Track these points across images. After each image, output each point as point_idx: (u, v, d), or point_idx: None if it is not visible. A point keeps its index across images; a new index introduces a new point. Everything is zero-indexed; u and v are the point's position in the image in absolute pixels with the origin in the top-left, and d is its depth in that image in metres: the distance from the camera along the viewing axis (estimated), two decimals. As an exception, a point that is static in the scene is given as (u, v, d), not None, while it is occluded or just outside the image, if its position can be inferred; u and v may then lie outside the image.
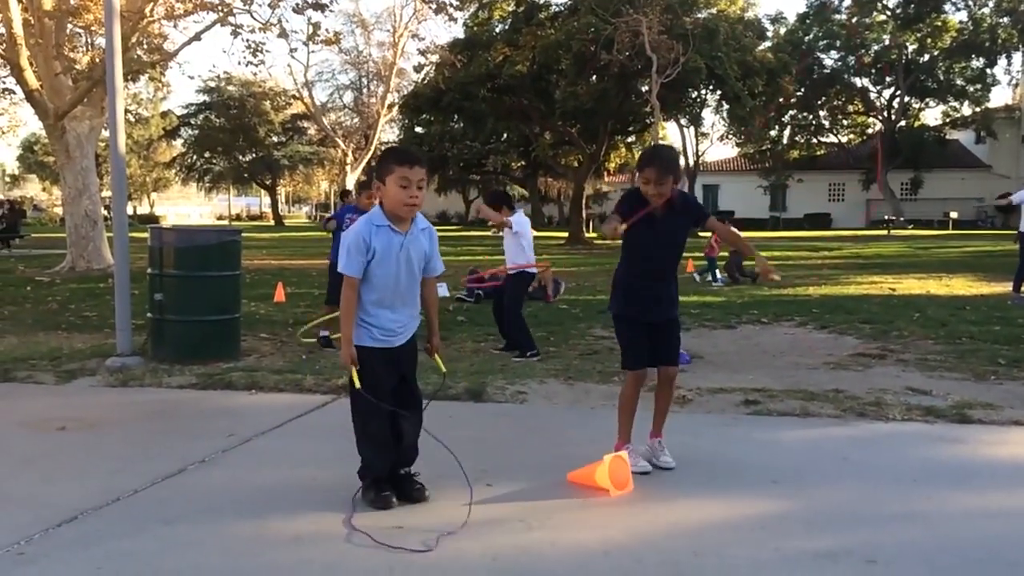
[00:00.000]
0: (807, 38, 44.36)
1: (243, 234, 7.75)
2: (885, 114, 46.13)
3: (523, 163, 38.19)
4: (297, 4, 18.44)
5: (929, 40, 43.31)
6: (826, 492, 3.92)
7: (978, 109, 44.33)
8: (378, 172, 3.64)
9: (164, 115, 59.74)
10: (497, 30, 31.27)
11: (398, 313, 3.68)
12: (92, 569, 3.04)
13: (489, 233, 38.64)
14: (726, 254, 15.11)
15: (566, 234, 31.46)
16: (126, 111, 7.25)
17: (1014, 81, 47.06)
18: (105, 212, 19.81)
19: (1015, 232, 11.71)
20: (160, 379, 6.32)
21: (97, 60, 17.38)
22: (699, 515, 3.63)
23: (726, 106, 32.08)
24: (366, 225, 3.60)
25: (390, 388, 3.69)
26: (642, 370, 4.21)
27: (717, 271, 14.93)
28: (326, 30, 20.90)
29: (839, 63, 45.31)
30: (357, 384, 3.55)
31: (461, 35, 32.09)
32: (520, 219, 7.70)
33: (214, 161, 59.06)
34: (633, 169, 39.18)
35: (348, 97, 46.48)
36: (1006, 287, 12.45)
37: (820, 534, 3.42)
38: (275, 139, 58.25)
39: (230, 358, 7.04)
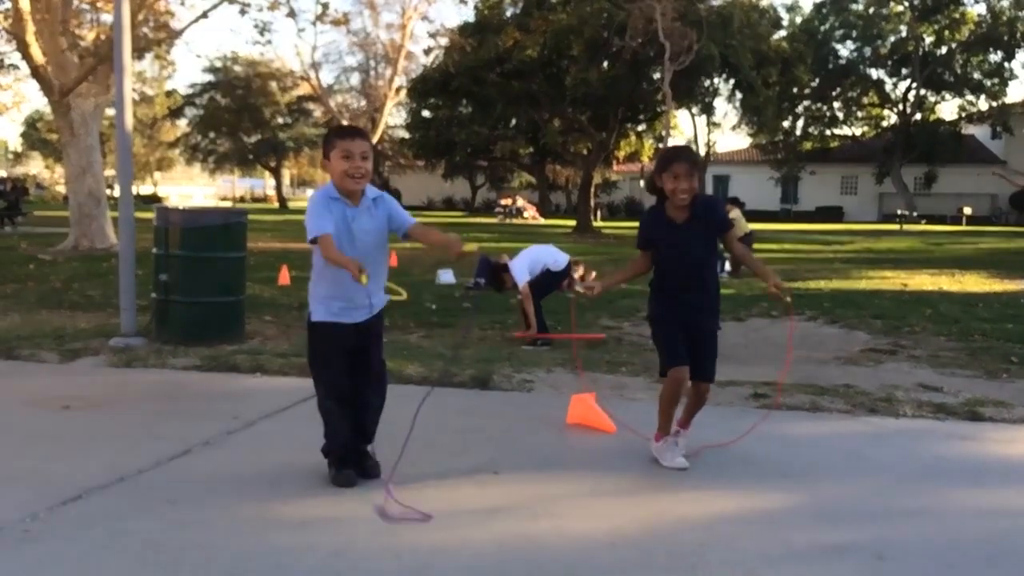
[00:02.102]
0: (823, 28, 44.01)
1: (248, 216, 7.71)
2: (900, 107, 45.80)
3: (531, 150, 38.00)
4: (307, -17, 18.36)
5: (947, 32, 42.91)
6: (835, 487, 3.88)
7: (995, 104, 43.94)
8: (324, 150, 3.65)
9: (169, 94, 59.70)
10: (508, 14, 31.06)
11: (355, 287, 3.50)
12: (97, 547, 3.02)
13: (495, 220, 38.58)
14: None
15: (574, 222, 31.35)
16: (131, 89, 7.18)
17: (1032, 75, 46.71)
18: (108, 191, 19.79)
19: None
20: (164, 360, 6.29)
21: (103, 37, 17.32)
22: (707, 508, 3.59)
23: (739, 95, 31.87)
24: (322, 197, 3.60)
25: (345, 365, 3.70)
26: (683, 368, 3.98)
27: (726, 262, 14.85)
28: (335, 10, 20.82)
29: (855, 54, 44.97)
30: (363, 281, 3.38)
31: (471, 18, 31.91)
32: (519, 264, 7.62)
33: (218, 142, 58.98)
34: (643, 157, 39.02)
35: (355, 79, 46.33)
36: (1020, 284, 12.37)
37: (829, 528, 3.38)
38: (280, 120, 58.12)
39: (234, 340, 7.02)
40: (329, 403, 3.72)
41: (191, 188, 77.98)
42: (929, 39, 43.33)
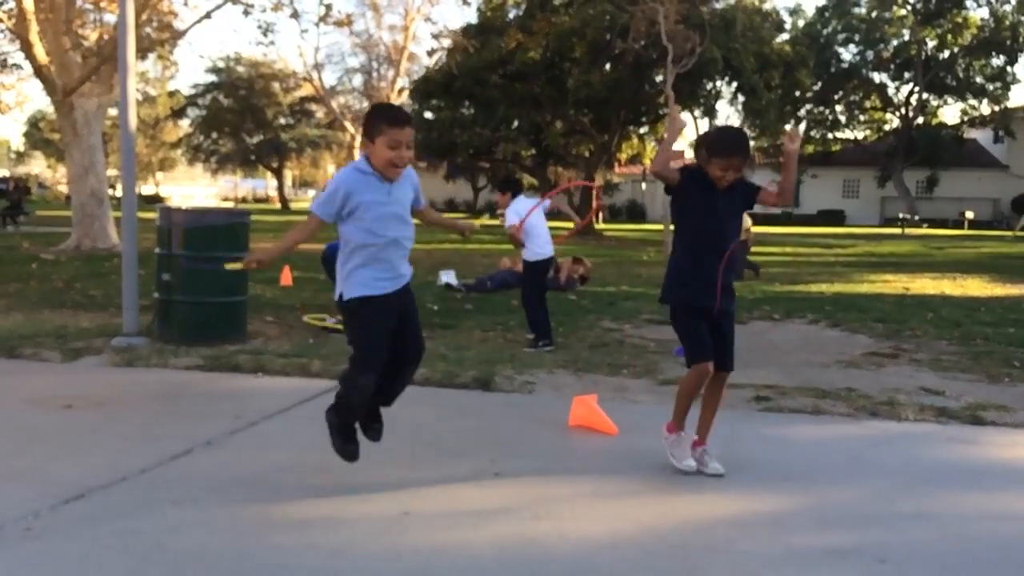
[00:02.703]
0: (826, 31, 44.00)
1: (250, 216, 7.71)
2: (903, 111, 45.78)
3: (533, 151, 37.96)
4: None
5: (949, 36, 42.90)
6: (837, 490, 3.88)
7: (997, 108, 43.90)
8: (367, 130, 3.57)
9: (171, 94, 59.71)
10: (511, 16, 31.06)
11: (390, 259, 3.61)
12: (99, 546, 3.03)
13: (497, 222, 38.56)
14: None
15: (571, 224, 31.34)
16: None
17: (1034, 80, 46.69)
18: (111, 191, 19.79)
19: None
20: (166, 360, 6.30)
21: (106, 37, 17.33)
22: (709, 510, 3.59)
23: (741, 98, 31.83)
24: (352, 174, 3.56)
25: (388, 337, 3.63)
26: (708, 363, 3.95)
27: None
28: (338, 11, 20.86)
29: (857, 57, 44.95)
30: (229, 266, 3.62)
31: (474, 20, 31.92)
32: (517, 207, 7.47)
33: (221, 142, 58.97)
34: (644, 160, 39.01)
35: (357, 80, 46.32)
36: (1021, 289, 12.36)
37: (831, 532, 3.39)
38: (283, 121, 58.10)
39: (236, 340, 7.02)
40: (366, 380, 3.59)
41: (193, 188, 77.95)
42: (932, 43, 43.32)
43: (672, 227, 4.10)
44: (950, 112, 48.68)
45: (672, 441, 4.13)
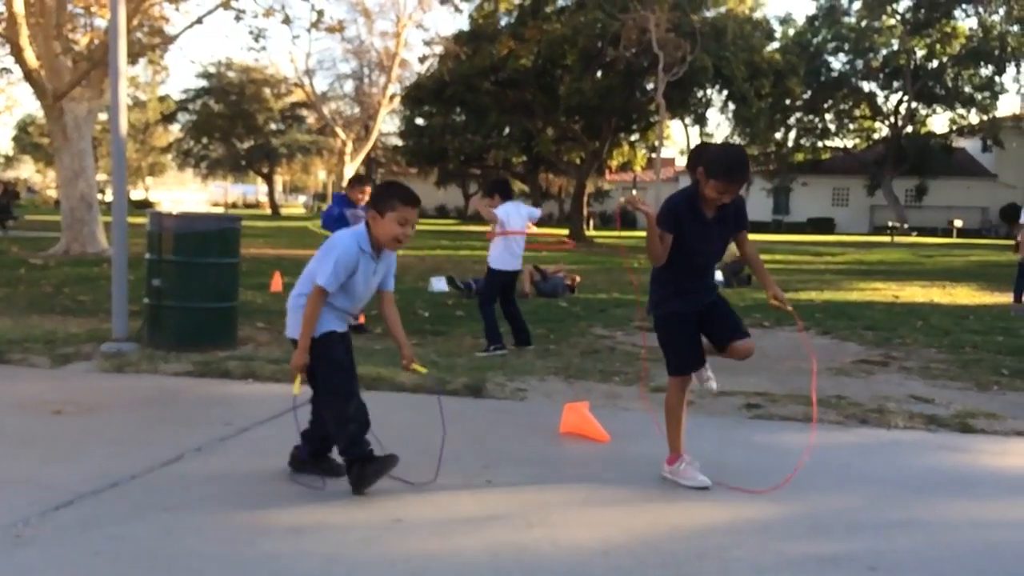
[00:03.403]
0: (816, 40, 44.26)
1: (241, 222, 7.70)
2: (892, 119, 46.07)
3: (524, 158, 38.05)
4: (302, -10, 18.39)
5: (938, 46, 43.22)
6: (828, 498, 3.89)
7: (986, 117, 44.25)
8: (378, 203, 3.72)
9: (162, 99, 59.55)
10: (502, 23, 31.14)
11: (345, 316, 3.89)
12: (90, 553, 3.01)
13: (487, 228, 38.54)
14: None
15: (566, 231, 31.40)
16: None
17: (1022, 90, 47.04)
18: (100, 196, 19.70)
19: (1016, 242, 11.66)
20: (156, 365, 6.27)
21: (96, 41, 17.28)
22: (700, 517, 3.60)
23: (732, 106, 31.98)
24: (355, 249, 3.71)
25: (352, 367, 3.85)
26: (688, 376, 4.01)
27: (718, 272, 14.92)
28: (330, 17, 20.86)
29: (847, 66, 45.22)
30: (296, 391, 3.73)
31: (466, 27, 31.98)
32: (506, 210, 7.51)
33: (211, 147, 58.82)
34: (635, 167, 39.12)
35: (349, 86, 46.31)
36: (1009, 297, 12.44)
37: (822, 539, 3.40)
38: (274, 127, 58.01)
39: (227, 346, 7.00)
40: (354, 407, 3.71)
41: (183, 193, 77.75)
42: (921, 52, 43.64)
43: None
44: (939, 121, 49.03)
45: (678, 471, 4.02)
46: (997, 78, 43.56)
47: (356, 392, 3.77)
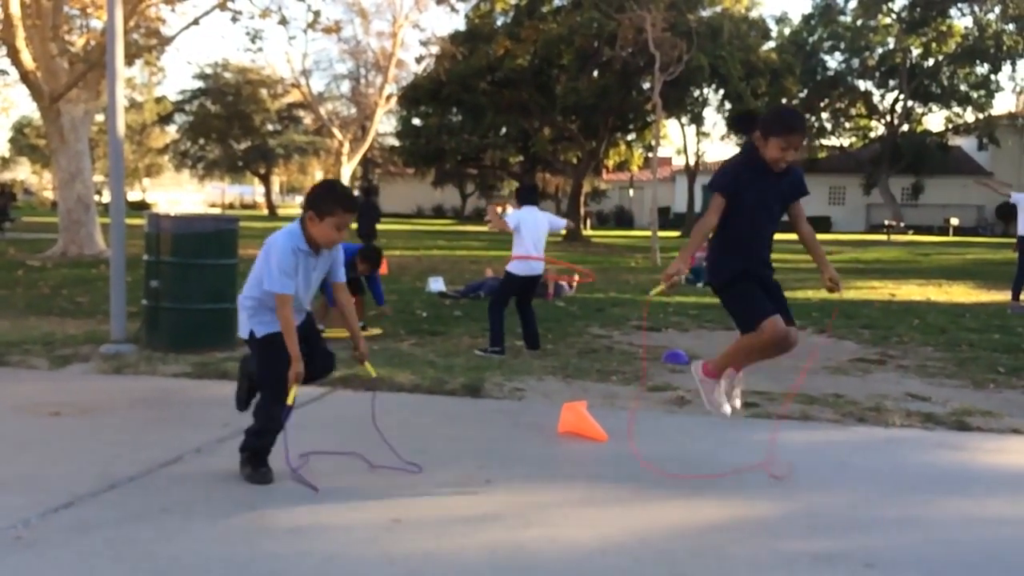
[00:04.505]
0: (811, 39, 44.29)
1: (239, 223, 7.70)
2: (888, 118, 46.11)
3: (521, 158, 38.09)
4: (298, -9, 18.39)
5: (934, 45, 43.26)
6: (825, 496, 3.91)
7: (981, 116, 44.31)
8: (317, 207, 3.75)
9: (158, 100, 59.47)
10: (499, 23, 31.17)
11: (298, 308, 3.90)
12: (90, 554, 3.02)
13: (485, 228, 38.58)
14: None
15: (563, 232, 31.44)
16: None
17: (1018, 88, 47.21)
18: (97, 197, 19.68)
19: (1015, 239, 11.68)
20: (154, 367, 6.28)
21: (93, 43, 17.26)
22: (698, 516, 3.61)
23: (728, 105, 32.02)
24: (290, 250, 3.74)
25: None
26: (776, 317, 3.80)
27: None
28: (326, 18, 20.85)
29: (843, 65, 45.26)
30: (290, 401, 3.76)
31: (462, 27, 31.99)
32: (519, 215, 7.53)
33: (208, 148, 58.74)
34: (632, 167, 39.12)
35: (345, 87, 46.29)
36: (1006, 295, 12.46)
37: (819, 537, 3.41)
38: (270, 127, 57.93)
39: (225, 347, 7.00)
40: (281, 405, 3.80)
41: (180, 194, 77.62)
42: (916, 51, 43.66)
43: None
44: (935, 120, 49.17)
45: (710, 386, 4.03)
46: (993, 76, 43.63)
47: (285, 396, 3.80)
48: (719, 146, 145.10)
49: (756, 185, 3.89)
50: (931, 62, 43.92)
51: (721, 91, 30.48)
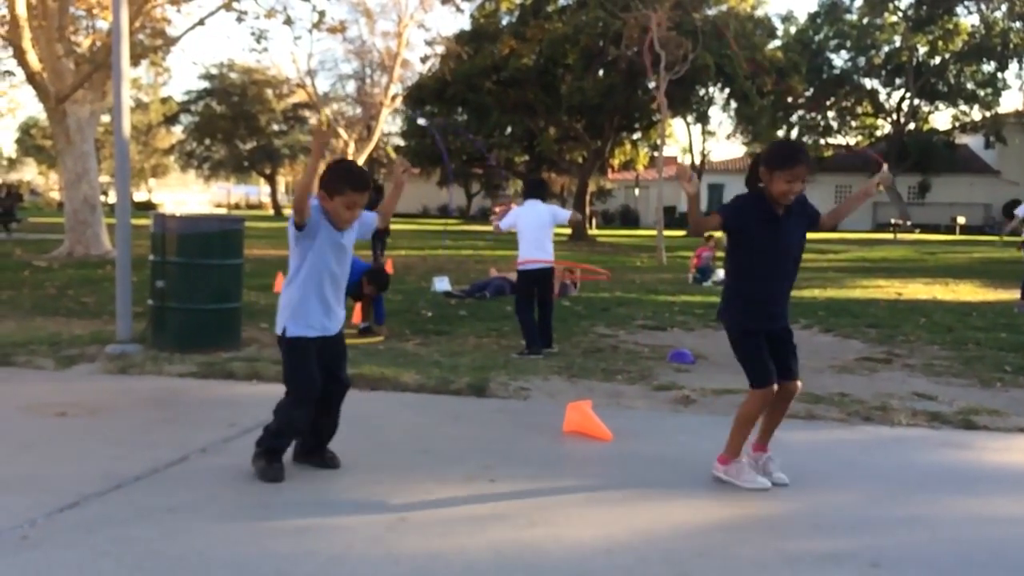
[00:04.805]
0: (817, 38, 44.20)
1: (244, 223, 7.71)
2: (894, 116, 45.99)
3: (527, 157, 38.07)
4: (303, -10, 18.39)
5: (940, 43, 43.15)
6: (830, 495, 3.90)
7: (988, 114, 44.18)
8: (328, 186, 3.79)
9: (164, 101, 59.63)
10: (504, 22, 31.16)
11: (327, 305, 3.90)
12: (96, 554, 3.03)
13: (490, 228, 38.58)
14: (722, 253, 15.10)
15: (569, 230, 31.43)
16: (126, 96, 7.17)
17: (1025, 86, 46.92)
18: (103, 197, 19.73)
19: (1021, 240, 11.63)
20: (160, 367, 6.29)
21: (99, 44, 17.31)
22: (703, 515, 3.61)
23: (734, 104, 31.99)
24: (317, 213, 3.81)
25: (322, 375, 3.90)
26: (773, 386, 3.92)
27: (719, 271, 14.93)
28: (331, 18, 20.88)
29: (849, 63, 45.16)
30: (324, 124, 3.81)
31: (467, 26, 32.00)
32: (516, 212, 7.49)
33: (214, 149, 58.87)
34: (637, 166, 39.08)
35: (351, 87, 46.35)
36: (1012, 294, 12.42)
37: (824, 536, 3.40)
38: (276, 128, 58.03)
39: (231, 347, 7.02)
40: (303, 410, 3.86)
41: (186, 195, 77.79)
42: (923, 49, 43.56)
43: (725, 251, 4.05)
44: (941, 118, 49.04)
45: (733, 470, 3.98)
46: (999, 74, 43.54)
47: (312, 400, 3.85)
48: (725, 145, 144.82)
49: (766, 223, 3.84)
50: (937, 60, 43.80)
51: (726, 90, 30.43)
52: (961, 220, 42.18)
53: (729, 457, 4.02)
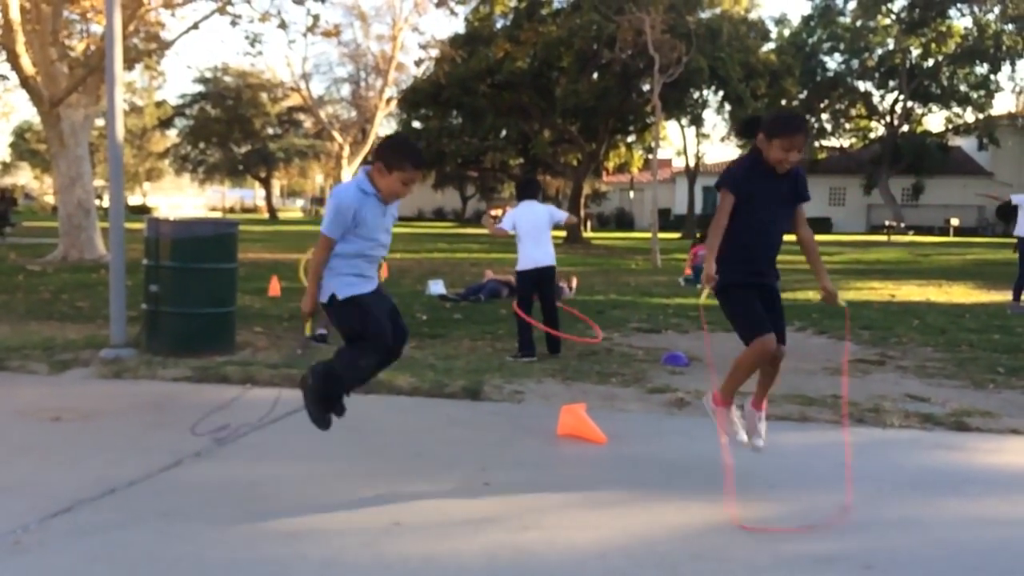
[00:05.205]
0: (811, 40, 44.31)
1: (238, 227, 7.71)
2: (888, 119, 46.12)
3: (521, 160, 38.12)
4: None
5: (933, 45, 43.26)
6: (823, 497, 3.91)
7: (981, 116, 44.30)
8: (387, 160, 3.76)
9: (159, 104, 59.58)
10: (498, 25, 31.20)
11: (366, 277, 3.91)
12: (89, 559, 3.03)
13: (485, 231, 38.61)
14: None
15: (564, 233, 31.46)
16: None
17: (1018, 88, 47.19)
18: (98, 201, 19.71)
19: (1015, 239, 11.67)
20: (154, 371, 6.28)
21: (93, 48, 17.29)
22: (696, 518, 3.61)
23: (728, 107, 32.05)
24: (355, 193, 3.76)
25: (388, 318, 3.90)
26: (771, 337, 3.86)
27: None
28: (326, 22, 20.89)
29: (842, 66, 45.28)
30: (307, 332, 3.83)
31: (462, 30, 32.03)
32: (514, 214, 7.44)
33: (208, 152, 58.87)
34: (632, 168, 39.14)
35: (345, 90, 46.36)
36: (1005, 295, 12.46)
37: (817, 538, 3.41)
38: (271, 131, 58.06)
39: (225, 351, 7.01)
40: (372, 359, 3.84)
41: (181, 198, 77.69)
42: (916, 52, 43.66)
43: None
44: (935, 120, 49.19)
45: (721, 413, 4.08)
46: (992, 77, 43.60)
47: (385, 347, 3.84)
48: (719, 147, 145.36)
49: (760, 187, 3.90)
50: (931, 62, 43.91)
51: (720, 92, 30.50)
52: (955, 222, 42.31)
53: (724, 399, 4.08)
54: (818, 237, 4.38)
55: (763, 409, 4.19)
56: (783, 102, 38.27)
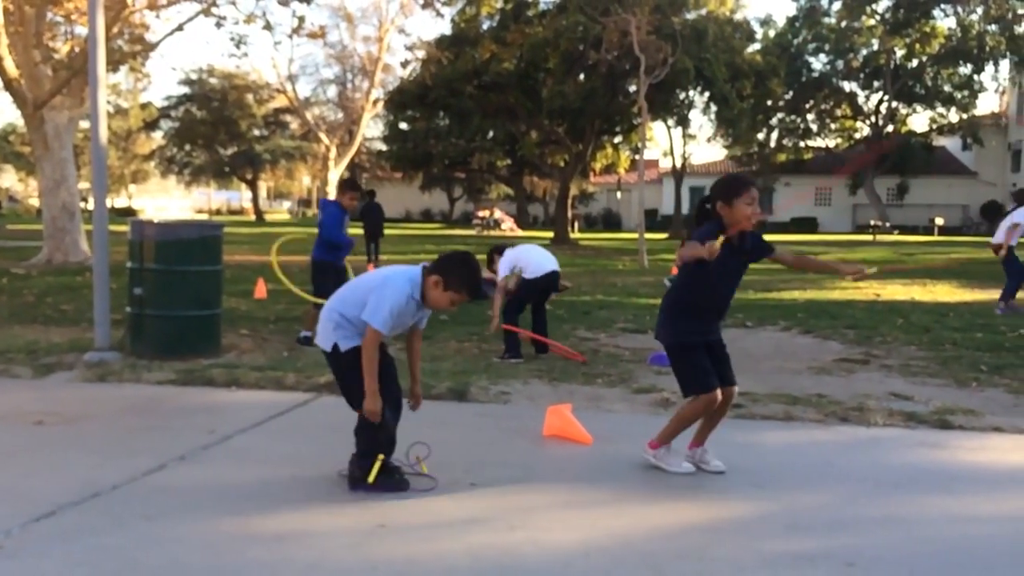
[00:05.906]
0: (796, 41, 44.51)
1: (224, 229, 7.68)
2: (873, 119, 46.39)
3: (509, 162, 38.16)
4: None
5: (917, 46, 43.53)
6: (807, 495, 3.93)
7: (965, 116, 44.63)
8: (448, 280, 3.75)
9: (144, 106, 59.25)
10: (485, 27, 31.22)
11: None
12: (72, 563, 3.01)
13: (472, 232, 38.59)
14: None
15: (551, 234, 31.48)
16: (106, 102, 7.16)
17: (1001, 88, 47.40)
18: (82, 204, 19.60)
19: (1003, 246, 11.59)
20: (139, 374, 6.25)
21: (77, 50, 17.20)
22: (680, 517, 3.63)
23: (714, 108, 32.16)
24: (407, 297, 3.78)
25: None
26: (716, 391, 4.09)
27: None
28: (311, 23, 20.84)
29: (827, 67, 45.51)
30: (371, 479, 3.81)
31: (448, 31, 32.04)
32: (514, 255, 7.63)
33: (194, 154, 58.56)
34: (619, 169, 39.22)
35: (332, 91, 46.27)
36: (989, 294, 12.56)
37: (800, 537, 3.43)
38: (257, 133, 57.80)
39: (210, 354, 6.98)
40: (384, 429, 3.84)
41: (166, 200, 77.29)
42: (900, 52, 43.93)
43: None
44: (919, 120, 49.38)
45: (660, 454, 4.22)
46: (976, 77, 43.92)
47: (392, 395, 3.89)
48: (705, 148, 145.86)
49: (724, 258, 3.99)
50: (915, 63, 44.20)
51: (706, 93, 30.60)
52: (939, 221, 42.62)
53: (659, 443, 4.22)
54: (804, 236, 4.47)
55: (703, 445, 4.29)
56: (768, 102, 38.55)
